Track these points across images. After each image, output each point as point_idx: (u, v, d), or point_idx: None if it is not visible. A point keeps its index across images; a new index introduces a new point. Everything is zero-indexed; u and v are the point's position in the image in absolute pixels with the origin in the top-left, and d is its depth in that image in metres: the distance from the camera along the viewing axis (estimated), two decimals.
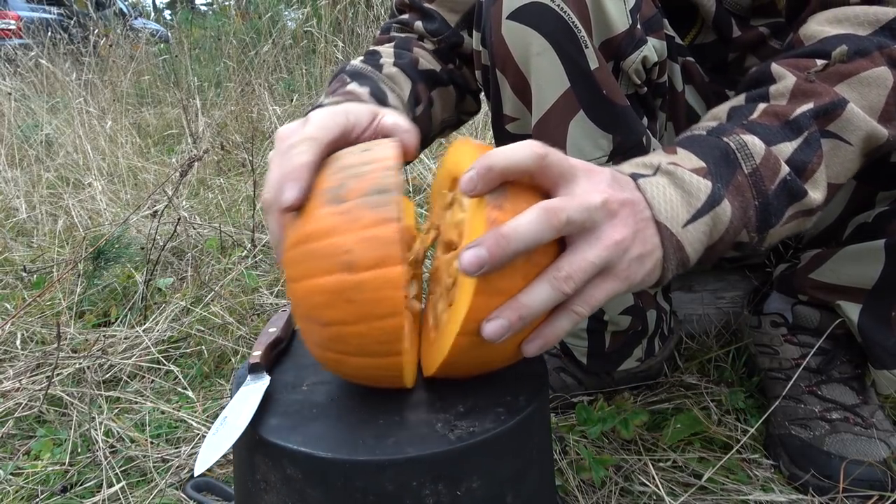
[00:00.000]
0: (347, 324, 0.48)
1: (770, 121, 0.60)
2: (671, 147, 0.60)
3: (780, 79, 0.62)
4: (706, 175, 0.56)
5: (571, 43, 0.70)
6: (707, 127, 0.62)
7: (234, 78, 3.37)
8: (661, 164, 0.56)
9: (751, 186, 0.58)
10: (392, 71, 0.83)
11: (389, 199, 0.47)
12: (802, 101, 0.60)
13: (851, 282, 0.81)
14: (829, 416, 0.86)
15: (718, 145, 0.58)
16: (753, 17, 0.79)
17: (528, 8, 0.70)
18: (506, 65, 0.74)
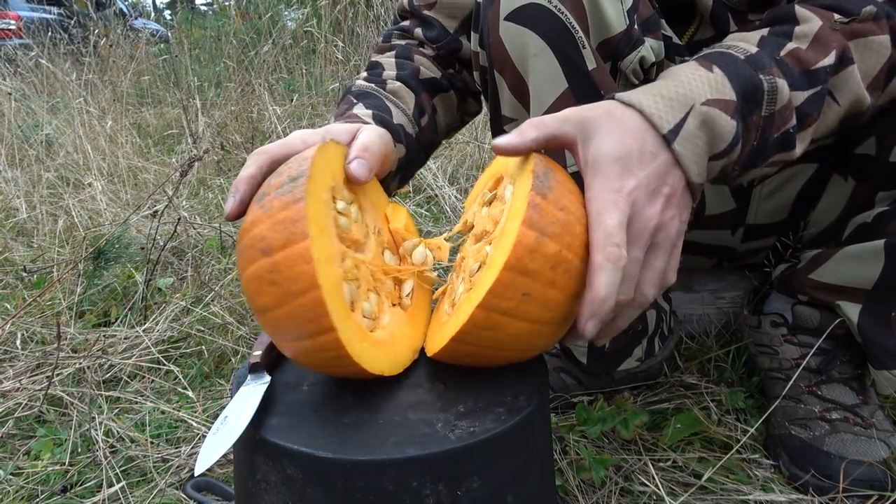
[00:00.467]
0: (276, 307, 0.50)
1: (793, 64, 0.61)
2: (706, 61, 0.60)
3: (804, 20, 0.63)
4: (734, 114, 0.58)
5: (569, 43, 0.70)
6: (743, 51, 0.61)
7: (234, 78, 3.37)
8: (696, 104, 0.57)
9: (758, 128, 0.60)
10: (395, 86, 0.86)
11: (298, 185, 0.51)
12: (822, 52, 0.61)
13: (851, 282, 0.81)
14: (829, 417, 0.86)
15: (753, 80, 0.59)
16: (751, 12, 0.79)
17: (525, 9, 0.70)
18: (504, 66, 0.74)
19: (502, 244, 0.51)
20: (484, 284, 0.50)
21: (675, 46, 0.82)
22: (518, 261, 0.49)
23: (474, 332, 0.52)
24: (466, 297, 0.54)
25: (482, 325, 0.51)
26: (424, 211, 1.88)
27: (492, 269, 0.50)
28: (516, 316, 0.51)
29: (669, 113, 0.56)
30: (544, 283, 0.50)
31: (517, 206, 0.52)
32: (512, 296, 0.50)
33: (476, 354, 0.55)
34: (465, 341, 0.53)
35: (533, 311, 0.51)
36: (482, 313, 0.50)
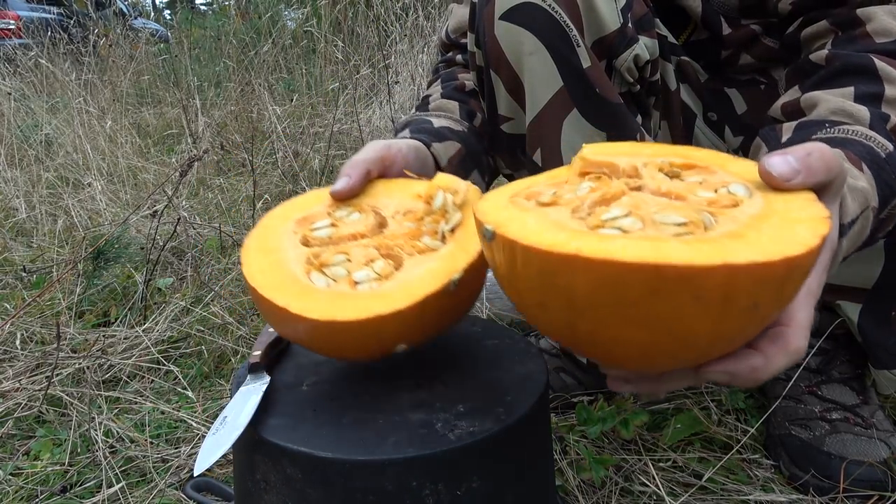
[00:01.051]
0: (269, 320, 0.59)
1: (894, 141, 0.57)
2: (855, 157, 0.54)
3: (889, 81, 0.60)
4: (874, 217, 0.54)
5: (563, 42, 0.70)
6: (880, 143, 0.56)
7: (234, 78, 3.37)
8: (869, 207, 0.52)
9: (871, 230, 0.56)
10: (438, 103, 0.87)
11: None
12: None
13: (851, 281, 0.81)
14: (830, 417, 0.86)
15: (892, 185, 0.55)
16: (744, 17, 0.79)
17: (520, 8, 0.70)
18: (499, 65, 0.74)
19: (779, 234, 0.38)
20: (739, 251, 0.36)
21: (671, 46, 0.83)
22: (796, 268, 0.37)
23: (674, 285, 0.36)
24: (697, 238, 0.38)
25: (699, 288, 0.36)
26: None
27: (759, 246, 0.37)
28: (720, 315, 0.37)
29: (853, 206, 0.51)
30: (768, 314, 0.39)
31: (806, 216, 0.40)
32: (756, 293, 0.37)
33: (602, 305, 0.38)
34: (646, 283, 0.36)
35: (730, 327, 0.38)
36: (719, 277, 0.35)
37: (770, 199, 0.42)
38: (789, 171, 0.42)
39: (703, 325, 0.37)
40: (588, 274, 0.36)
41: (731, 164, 0.47)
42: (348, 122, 2.76)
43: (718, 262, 0.35)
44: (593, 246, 0.36)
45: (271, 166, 2.38)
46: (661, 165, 0.48)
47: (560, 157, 0.75)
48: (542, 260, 0.38)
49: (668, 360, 0.41)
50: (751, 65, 0.82)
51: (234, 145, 2.62)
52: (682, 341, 0.38)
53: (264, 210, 1.92)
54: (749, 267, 0.35)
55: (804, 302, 0.43)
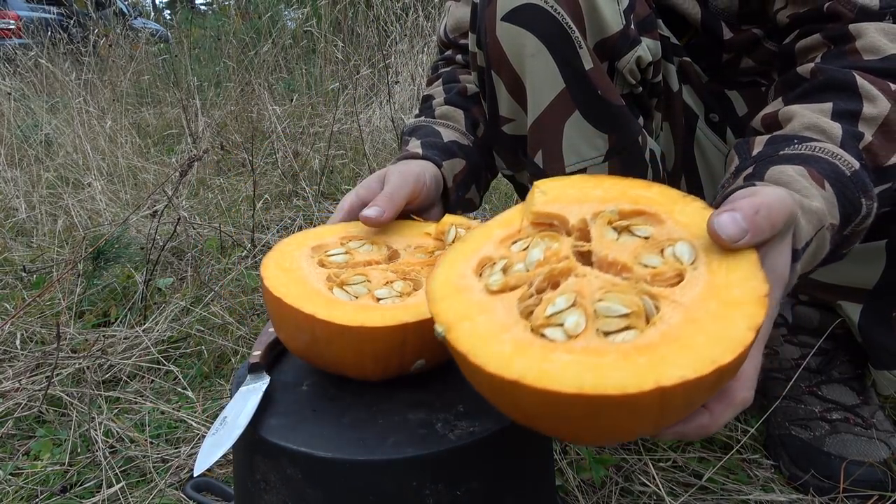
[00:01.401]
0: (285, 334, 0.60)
1: (869, 161, 0.58)
2: (816, 173, 0.54)
3: (868, 99, 0.60)
4: (833, 236, 0.54)
5: (565, 44, 0.70)
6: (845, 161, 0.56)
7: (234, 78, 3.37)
8: (824, 227, 0.52)
9: (833, 244, 0.56)
10: (443, 110, 0.88)
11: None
12: (891, 142, 0.58)
13: (852, 282, 0.80)
14: (830, 417, 0.86)
15: (855, 204, 0.55)
16: (743, 23, 0.79)
17: (522, 9, 0.70)
18: (501, 66, 0.74)
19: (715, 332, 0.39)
20: (671, 368, 0.38)
21: (674, 47, 0.82)
22: (730, 369, 0.39)
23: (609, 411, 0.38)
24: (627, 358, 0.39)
25: (635, 407, 0.38)
26: None
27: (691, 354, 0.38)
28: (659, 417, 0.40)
29: (807, 228, 0.51)
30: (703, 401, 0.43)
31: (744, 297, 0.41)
32: (693, 400, 0.40)
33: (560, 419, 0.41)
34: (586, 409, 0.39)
35: (669, 421, 0.41)
36: (654, 398, 0.37)
37: (713, 266, 0.44)
38: (737, 232, 0.43)
39: (645, 428, 0.41)
40: (532, 397, 0.39)
41: (679, 211, 0.48)
42: (348, 122, 2.76)
43: (651, 387, 0.37)
44: (534, 371, 0.39)
45: (271, 166, 2.38)
46: (610, 217, 0.49)
47: (561, 159, 0.75)
48: (490, 378, 0.40)
49: (623, 439, 0.48)
50: (752, 68, 0.82)
51: (234, 145, 2.62)
52: (629, 435, 0.43)
53: (264, 210, 1.93)
54: (679, 386, 0.37)
55: (753, 352, 0.44)
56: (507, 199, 1.93)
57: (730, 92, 0.85)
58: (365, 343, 0.53)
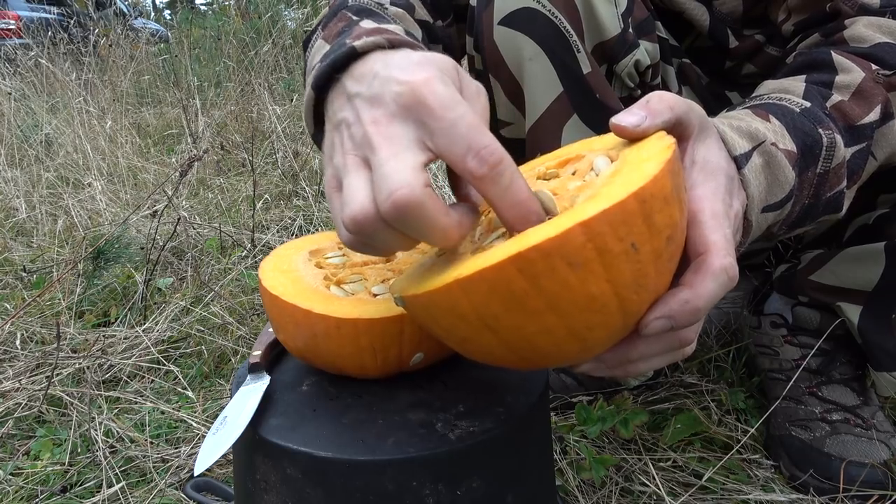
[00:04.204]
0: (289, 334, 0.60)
1: (839, 118, 0.58)
2: (761, 110, 0.56)
3: (843, 70, 0.60)
4: (794, 164, 0.54)
5: (563, 48, 0.70)
6: (796, 103, 0.58)
7: (234, 78, 3.37)
8: (766, 142, 0.53)
9: (812, 186, 0.56)
10: (397, 11, 0.73)
11: None
12: (866, 106, 0.59)
13: (852, 283, 0.81)
14: (830, 418, 0.86)
15: (812, 134, 0.56)
16: (745, 28, 0.79)
17: (519, 13, 0.70)
18: (498, 70, 0.74)
19: (626, 178, 0.40)
20: (587, 208, 0.38)
21: (673, 49, 0.82)
22: (650, 199, 0.38)
23: (545, 263, 0.37)
24: (547, 222, 0.40)
25: (567, 255, 0.37)
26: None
27: (605, 196, 0.38)
28: (605, 269, 0.38)
29: (739, 140, 0.52)
30: (653, 249, 0.39)
31: (651, 153, 0.42)
32: (624, 234, 0.38)
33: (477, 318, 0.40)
34: (523, 271, 0.37)
35: (623, 276, 0.39)
36: (580, 236, 0.36)
37: (625, 153, 0.45)
38: (635, 119, 0.44)
39: (598, 285, 0.38)
40: (474, 290, 0.38)
41: (595, 143, 0.51)
42: None
43: (571, 224, 0.36)
44: (468, 266, 0.39)
45: (271, 166, 2.38)
46: (538, 174, 0.51)
47: None
48: (439, 300, 0.40)
49: (600, 332, 0.41)
50: (753, 73, 0.83)
51: (234, 145, 2.62)
52: (591, 308, 0.39)
53: (264, 210, 1.93)
54: (601, 215, 0.36)
55: (712, 225, 0.43)
56: None
57: (730, 93, 0.85)
58: (362, 336, 0.54)
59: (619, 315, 0.40)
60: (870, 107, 0.59)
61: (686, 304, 0.41)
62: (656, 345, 0.43)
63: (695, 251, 0.43)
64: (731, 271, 0.42)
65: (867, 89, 0.59)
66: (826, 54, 0.62)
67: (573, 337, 0.40)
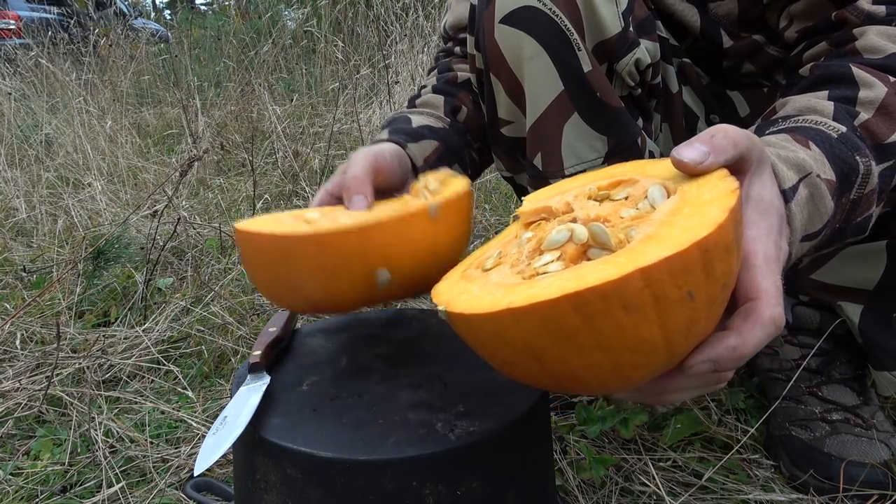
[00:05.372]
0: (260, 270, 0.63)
1: (867, 137, 0.58)
2: (801, 136, 0.56)
3: (865, 85, 0.60)
4: (833, 193, 0.54)
5: (564, 46, 0.70)
6: (832, 127, 0.58)
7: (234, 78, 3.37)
8: (812, 174, 0.53)
9: (845, 211, 0.56)
10: (425, 98, 0.89)
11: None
12: (891, 123, 0.59)
13: (853, 282, 0.80)
14: (830, 418, 0.86)
15: (850, 161, 0.56)
16: (743, 31, 0.79)
17: (520, 12, 0.70)
18: (499, 69, 0.74)
19: (688, 222, 0.40)
20: (648, 253, 0.38)
21: (673, 48, 0.82)
22: (712, 248, 0.38)
23: (601, 304, 0.37)
24: (605, 260, 0.40)
25: (624, 299, 0.37)
26: None
27: (667, 241, 0.39)
28: (658, 315, 0.38)
29: (788, 173, 0.51)
30: (708, 297, 0.39)
31: (714, 195, 0.41)
32: (683, 283, 0.38)
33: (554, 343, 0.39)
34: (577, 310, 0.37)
35: (676, 322, 0.39)
36: (639, 282, 0.37)
37: (685, 189, 0.44)
38: (699, 155, 0.44)
39: (650, 329, 0.38)
40: (526, 321, 0.39)
41: (650, 168, 0.50)
42: (348, 122, 2.76)
43: (631, 270, 0.36)
44: (522, 296, 0.39)
45: (271, 166, 2.38)
46: (590, 193, 0.50)
47: (560, 161, 0.75)
48: (487, 322, 0.41)
49: (644, 371, 0.41)
50: (754, 72, 0.83)
51: (234, 145, 2.62)
52: (639, 350, 0.39)
53: (264, 210, 1.93)
54: (662, 263, 0.37)
55: (766, 270, 0.43)
56: (507, 199, 1.93)
57: (731, 93, 0.85)
58: (327, 255, 0.55)
59: (665, 356, 0.41)
60: (894, 123, 0.59)
61: (733, 350, 0.41)
62: (695, 381, 0.44)
63: (745, 295, 0.43)
64: (779, 322, 0.42)
65: (891, 105, 0.59)
66: (846, 68, 0.62)
67: (616, 373, 0.41)
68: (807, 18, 0.71)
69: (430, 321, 0.73)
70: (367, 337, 0.71)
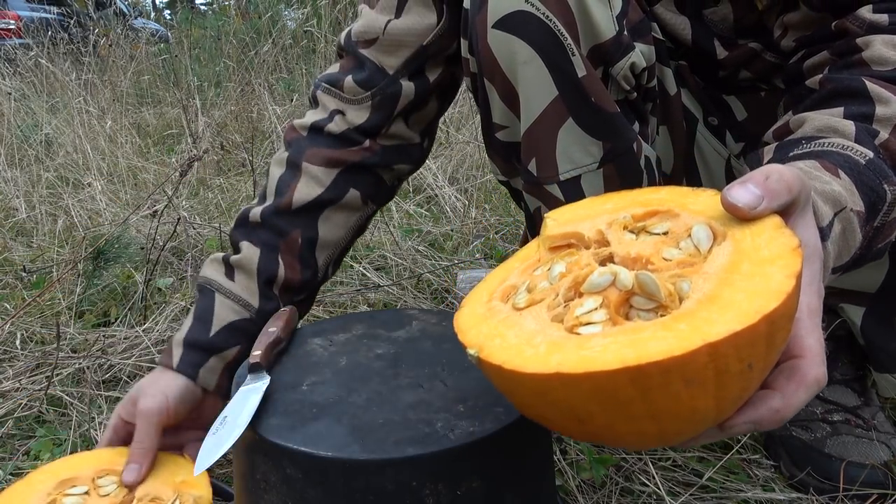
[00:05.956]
0: None
1: (886, 157, 0.57)
2: (829, 163, 0.54)
3: (881, 101, 0.59)
4: (862, 224, 0.53)
5: (558, 51, 0.70)
6: (860, 153, 0.56)
7: (234, 78, 3.37)
8: (846, 208, 0.51)
9: (867, 239, 0.55)
10: (243, 255, 0.83)
11: None
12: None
13: (855, 285, 0.80)
14: (831, 418, 0.86)
15: (877, 190, 0.54)
16: (739, 37, 0.79)
17: (513, 16, 0.69)
18: (493, 74, 0.74)
19: (753, 286, 0.38)
20: (715, 324, 0.36)
21: (670, 50, 0.82)
22: (778, 319, 0.37)
23: (661, 378, 0.36)
24: (666, 325, 0.38)
25: (686, 374, 0.36)
26: (424, 211, 1.88)
27: (734, 310, 0.37)
28: (717, 388, 0.37)
29: (825, 209, 0.50)
30: (766, 366, 0.39)
31: (776, 252, 0.39)
32: (746, 356, 0.36)
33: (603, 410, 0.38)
34: (635, 382, 0.36)
35: (731, 392, 0.38)
36: (704, 357, 0.35)
37: (736, 235, 0.42)
38: (753, 199, 0.42)
39: (705, 402, 0.37)
40: (576, 388, 0.37)
41: (691, 201, 0.47)
42: None
43: (699, 345, 0.35)
44: (573, 359, 0.37)
45: None
46: (625, 222, 0.48)
47: (555, 166, 0.74)
48: (530, 381, 0.38)
49: (687, 435, 0.41)
50: (751, 78, 0.82)
51: (234, 145, 2.62)
52: (690, 419, 0.39)
53: None
54: (731, 338, 0.35)
55: (810, 325, 0.42)
56: (507, 199, 1.93)
57: (728, 97, 0.85)
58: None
59: (713, 423, 0.40)
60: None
61: (775, 413, 0.41)
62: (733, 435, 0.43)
63: (789, 352, 0.42)
64: (822, 381, 0.42)
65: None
66: (858, 82, 0.61)
67: (661, 438, 0.41)
68: (804, 28, 0.70)
69: (430, 321, 0.73)
70: (367, 337, 0.71)
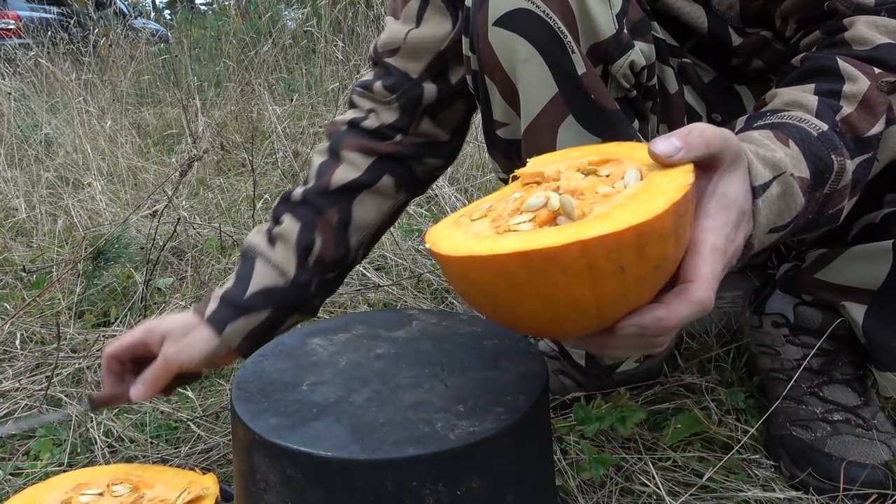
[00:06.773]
0: None
1: (847, 131, 0.60)
2: (782, 134, 0.58)
3: (850, 78, 0.62)
4: (805, 190, 0.57)
5: (558, 48, 0.70)
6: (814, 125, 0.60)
7: (234, 78, 3.37)
8: (785, 172, 0.55)
9: (817, 205, 0.59)
10: (284, 227, 0.87)
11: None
12: (872, 117, 0.61)
13: (857, 282, 0.80)
14: (831, 418, 0.85)
15: (825, 160, 0.58)
16: (748, 25, 0.79)
17: (513, 14, 0.70)
18: (493, 71, 0.74)
19: (636, 208, 0.45)
20: (591, 229, 0.44)
21: (671, 48, 0.82)
22: (647, 233, 0.44)
23: (543, 264, 0.44)
24: (558, 228, 0.46)
25: (563, 263, 0.44)
26: (424, 210, 1.88)
27: (610, 221, 0.44)
28: (591, 282, 0.44)
29: (763, 170, 0.54)
30: (639, 274, 0.45)
31: (668, 187, 0.46)
32: (615, 258, 0.44)
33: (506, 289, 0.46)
34: (525, 266, 0.44)
35: (606, 290, 0.45)
36: (576, 251, 0.43)
37: (651, 176, 0.49)
38: (671, 149, 0.48)
39: (582, 292, 0.45)
40: (484, 268, 0.46)
41: (637, 152, 0.54)
42: None
43: (572, 240, 0.43)
44: (486, 246, 0.46)
45: (271, 166, 2.38)
46: (580, 166, 0.55)
47: None
48: (456, 264, 0.48)
49: (577, 325, 0.48)
50: (762, 67, 0.83)
51: (234, 145, 2.62)
52: (573, 306, 0.46)
53: (265, 210, 1.93)
54: (598, 239, 0.43)
55: (708, 258, 0.48)
56: None
57: (739, 87, 0.85)
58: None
59: (597, 318, 0.47)
60: (875, 118, 0.61)
61: (658, 321, 0.46)
62: (628, 342, 0.49)
63: (684, 276, 0.48)
64: (706, 304, 0.47)
65: (872, 98, 0.61)
66: (832, 60, 0.63)
67: (554, 323, 0.48)
68: (800, 12, 0.72)
69: (430, 321, 0.73)
70: (367, 337, 0.71)
